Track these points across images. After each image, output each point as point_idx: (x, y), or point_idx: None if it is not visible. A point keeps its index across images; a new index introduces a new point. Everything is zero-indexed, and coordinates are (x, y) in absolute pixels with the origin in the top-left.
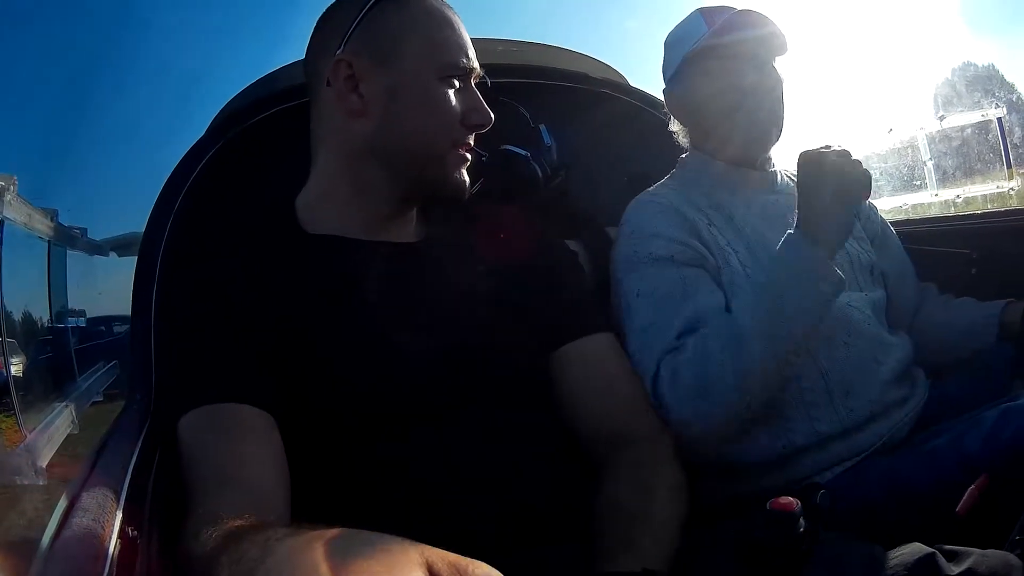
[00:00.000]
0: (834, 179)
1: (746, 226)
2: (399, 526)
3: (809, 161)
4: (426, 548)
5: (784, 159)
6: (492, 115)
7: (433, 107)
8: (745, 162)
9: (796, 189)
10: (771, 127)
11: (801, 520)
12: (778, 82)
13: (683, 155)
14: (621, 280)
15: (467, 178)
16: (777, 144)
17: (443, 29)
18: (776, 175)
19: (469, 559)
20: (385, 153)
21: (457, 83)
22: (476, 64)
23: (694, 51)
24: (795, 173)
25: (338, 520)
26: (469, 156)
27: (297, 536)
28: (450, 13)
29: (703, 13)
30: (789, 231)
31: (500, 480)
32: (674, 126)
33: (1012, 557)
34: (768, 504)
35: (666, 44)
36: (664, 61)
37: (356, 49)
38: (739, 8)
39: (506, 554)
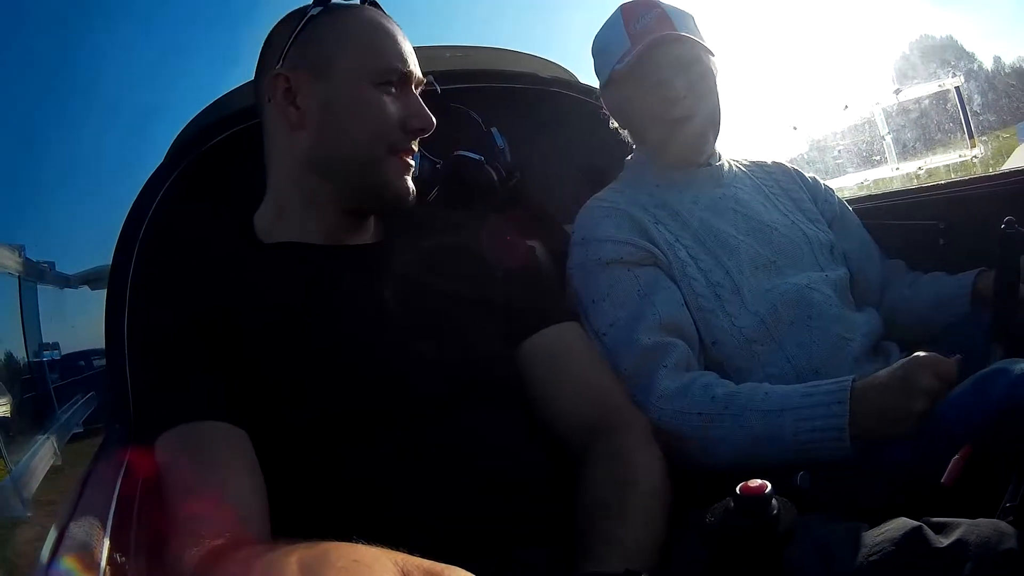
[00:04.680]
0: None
1: (692, 219)
2: (380, 532)
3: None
4: (400, 555)
5: (731, 148)
6: (433, 119)
7: (367, 114)
8: (685, 163)
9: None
10: (705, 131)
11: (774, 502)
12: (708, 85)
13: (629, 156)
14: (577, 289)
15: (411, 185)
16: (717, 139)
17: (375, 37)
18: (723, 168)
19: (444, 565)
20: (325, 164)
21: (394, 89)
22: (416, 70)
23: (621, 70)
24: (746, 162)
25: (320, 530)
26: (412, 162)
27: (274, 552)
28: (386, 22)
29: (624, 18)
30: (848, 380)
31: (478, 481)
32: (615, 124)
33: (1003, 524)
34: (738, 488)
35: (593, 51)
36: (594, 66)
37: (293, 63)
38: (656, 16)
39: (488, 556)
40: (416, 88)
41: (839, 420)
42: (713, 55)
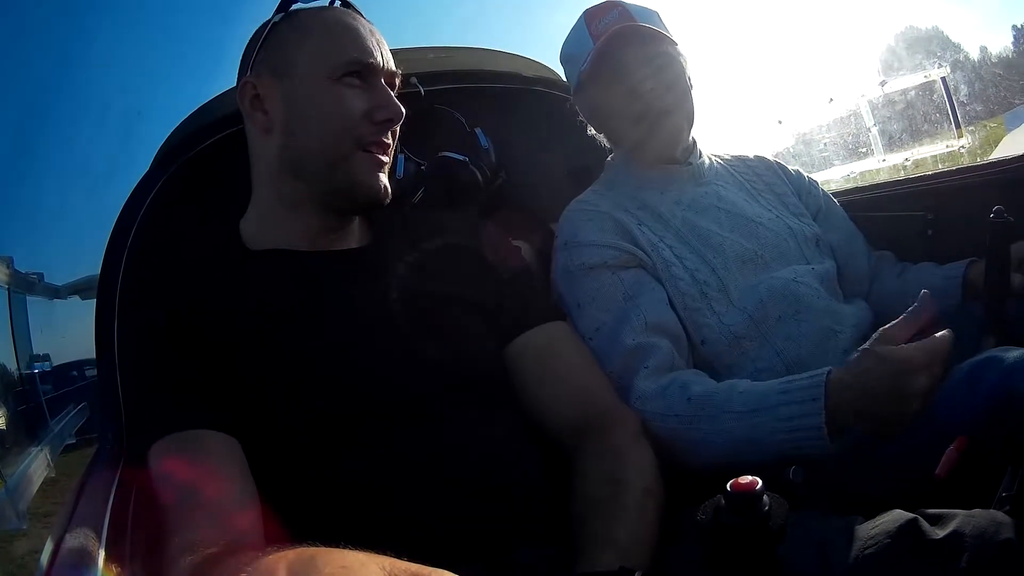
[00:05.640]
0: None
1: (675, 219)
2: (375, 534)
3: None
4: (387, 560)
5: (716, 143)
6: (402, 109)
7: (327, 109)
8: (664, 160)
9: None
10: (679, 124)
11: (765, 498)
12: (675, 75)
13: (609, 157)
14: (562, 294)
15: (384, 182)
16: (692, 132)
17: (334, 33)
18: (703, 165)
19: (431, 568)
20: (295, 165)
21: (358, 82)
22: (383, 62)
23: (585, 70)
24: (727, 157)
25: (316, 533)
26: (384, 159)
27: (263, 559)
28: (349, 19)
29: (587, 22)
30: (822, 373)
31: (474, 482)
32: (592, 131)
33: (999, 515)
34: (728, 485)
35: (561, 59)
36: (565, 75)
37: (259, 70)
38: (617, 14)
39: (486, 557)
40: (387, 81)
41: (815, 419)
42: (677, 43)
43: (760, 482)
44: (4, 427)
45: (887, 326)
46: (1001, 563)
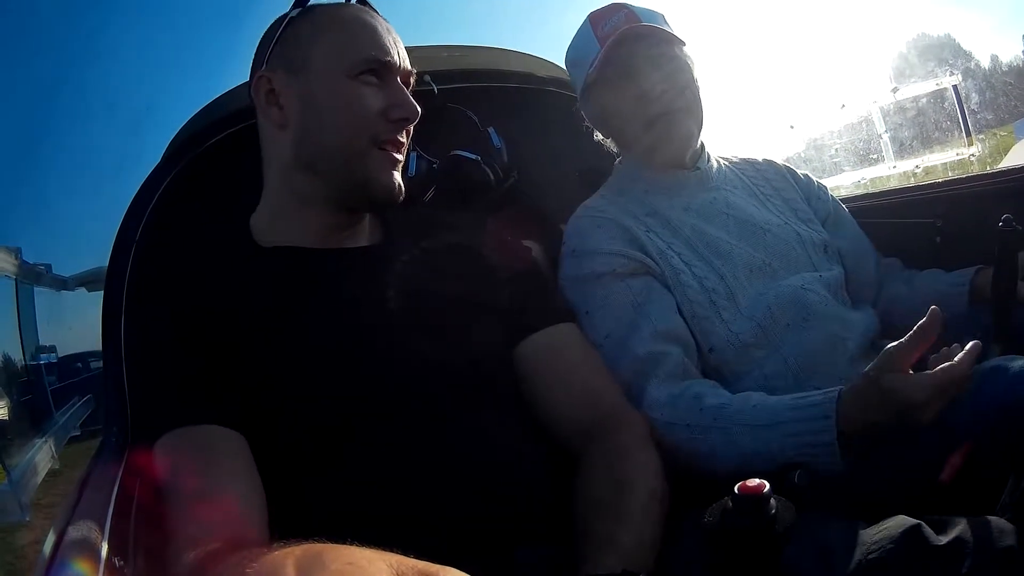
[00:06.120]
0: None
1: (684, 226)
2: (380, 533)
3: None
4: (395, 557)
5: (728, 147)
6: (417, 108)
7: (344, 106)
8: (674, 165)
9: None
10: (689, 128)
11: (772, 501)
12: (685, 79)
13: (618, 160)
14: (570, 300)
15: (398, 180)
16: (702, 136)
17: (351, 30)
18: (712, 169)
19: (439, 566)
20: (309, 160)
21: (375, 80)
22: (399, 60)
23: (592, 73)
24: (736, 159)
25: (321, 530)
26: (399, 157)
27: (269, 555)
28: (366, 17)
29: (592, 24)
30: (834, 392)
31: (479, 482)
32: (599, 136)
33: (1002, 521)
34: (736, 488)
35: (566, 63)
36: (571, 79)
37: (274, 65)
38: (623, 16)
39: (489, 556)
40: (403, 79)
41: (827, 435)
42: (685, 44)
43: (767, 485)
44: (9, 418)
45: (892, 345)
46: (1002, 569)
